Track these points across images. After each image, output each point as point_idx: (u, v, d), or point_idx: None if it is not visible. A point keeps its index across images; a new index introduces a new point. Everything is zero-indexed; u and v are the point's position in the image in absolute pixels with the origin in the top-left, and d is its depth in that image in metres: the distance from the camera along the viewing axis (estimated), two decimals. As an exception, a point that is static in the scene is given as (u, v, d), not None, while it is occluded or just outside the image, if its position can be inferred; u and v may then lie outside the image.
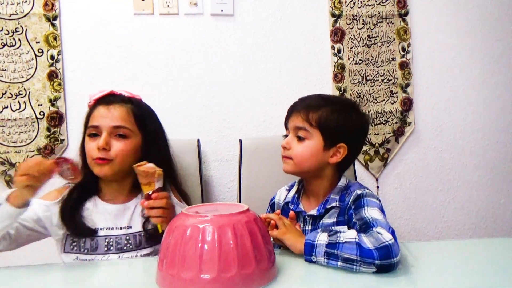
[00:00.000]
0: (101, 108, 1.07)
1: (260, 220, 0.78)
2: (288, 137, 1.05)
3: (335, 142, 1.02)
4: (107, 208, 1.09)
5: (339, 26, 1.64)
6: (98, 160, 1.03)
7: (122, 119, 1.06)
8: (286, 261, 0.84)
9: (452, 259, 0.88)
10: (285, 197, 1.15)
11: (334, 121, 1.01)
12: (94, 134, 1.05)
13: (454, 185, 1.74)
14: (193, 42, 1.59)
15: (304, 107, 1.03)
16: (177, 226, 0.73)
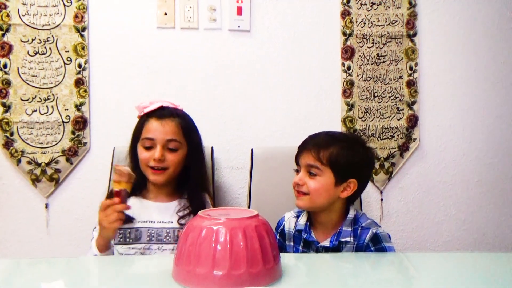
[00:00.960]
0: (154, 121, 1.21)
1: (268, 224, 0.86)
2: (301, 174, 1.11)
3: (346, 178, 1.09)
4: (152, 205, 1.24)
5: (349, 45, 1.73)
6: (154, 170, 1.20)
7: (173, 132, 1.22)
8: (290, 263, 0.92)
9: (453, 271, 0.92)
10: (295, 224, 1.19)
11: (343, 158, 1.08)
12: (149, 146, 1.20)
13: (456, 200, 1.79)
14: (211, 55, 1.69)
15: (314, 145, 1.10)
16: (194, 227, 0.82)
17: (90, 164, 1.65)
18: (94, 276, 0.93)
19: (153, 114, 1.23)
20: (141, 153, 1.22)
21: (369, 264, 0.97)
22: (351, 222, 1.10)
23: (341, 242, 1.08)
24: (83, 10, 1.61)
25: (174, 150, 1.22)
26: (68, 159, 1.62)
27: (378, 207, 1.76)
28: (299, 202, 1.11)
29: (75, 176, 1.64)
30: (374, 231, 1.07)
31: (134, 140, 1.26)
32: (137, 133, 1.25)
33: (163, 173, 1.21)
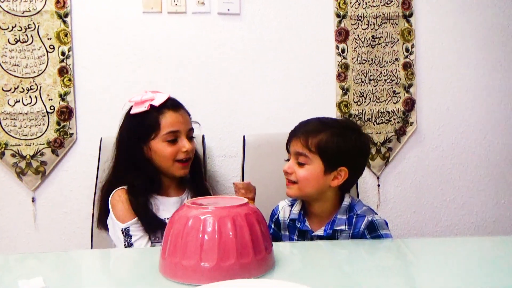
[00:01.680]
0: (172, 113, 1.18)
1: (259, 213, 0.82)
2: (289, 162, 1.07)
3: (336, 166, 1.04)
4: (169, 201, 1.21)
5: (343, 27, 1.67)
6: (183, 163, 1.19)
7: (190, 122, 1.24)
8: (284, 252, 0.88)
9: (451, 256, 0.89)
10: (289, 213, 1.15)
11: (333, 146, 1.02)
12: (173, 139, 1.17)
13: (455, 185, 1.76)
14: (200, 40, 1.63)
15: (303, 132, 1.05)
16: (180, 217, 0.77)
17: (77, 155, 1.59)
18: (82, 271, 0.89)
19: (165, 106, 1.18)
20: (165, 148, 1.17)
21: (365, 251, 0.93)
22: (346, 209, 1.06)
23: (336, 230, 1.04)
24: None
25: (192, 138, 1.24)
26: (54, 151, 1.56)
27: (375, 193, 1.72)
28: (288, 191, 1.07)
29: (62, 168, 1.59)
30: (370, 218, 1.03)
31: (142, 137, 1.18)
32: (148, 129, 1.17)
33: (188, 164, 1.21)
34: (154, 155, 1.18)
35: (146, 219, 1.14)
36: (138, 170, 1.18)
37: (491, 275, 0.78)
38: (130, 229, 1.12)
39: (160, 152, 1.17)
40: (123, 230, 1.12)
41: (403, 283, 0.77)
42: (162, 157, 1.18)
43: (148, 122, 1.17)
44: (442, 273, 0.78)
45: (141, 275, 0.80)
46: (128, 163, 1.20)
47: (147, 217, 1.14)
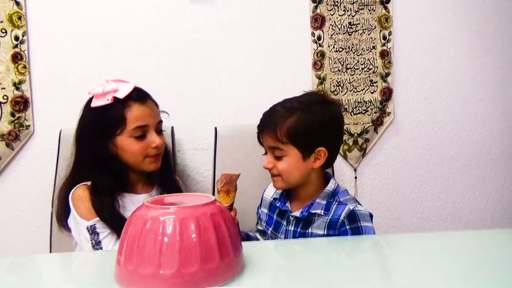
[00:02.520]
0: (139, 106, 1.08)
1: (227, 212, 0.74)
2: (267, 157, 1.03)
3: (313, 148, 0.99)
4: (137, 198, 1.11)
5: (319, 12, 1.60)
6: (153, 157, 1.10)
7: (158, 114, 1.14)
8: (254, 254, 0.81)
9: (428, 251, 0.85)
10: (273, 193, 1.14)
11: (302, 129, 0.97)
12: (141, 134, 1.08)
13: (431, 176, 1.73)
14: (168, 25, 1.52)
15: (270, 124, 1.00)
16: (137, 219, 0.69)
17: (34, 149, 1.47)
18: (36, 277, 0.79)
19: (130, 98, 1.07)
20: (132, 145, 1.07)
21: (342, 251, 0.87)
22: (327, 195, 1.02)
23: (312, 214, 1.01)
24: (17, -26, 1.40)
25: (161, 132, 1.14)
26: (8, 145, 1.43)
27: (352, 186, 1.67)
28: (275, 184, 1.05)
29: (18, 163, 1.46)
30: (351, 207, 0.98)
31: (106, 133, 1.07)
32: (113, 124, 1.06)
33: (159, 158, 1.13)
34: (121, 151, 1.08)
35: (111, 221, 1.04)
36: (101, 168, 1.08)
37: (464, 267, 0.75)
38: (96, 226, 1.03)
39: (127, 149, 1.07)
40: (89, 228, 1.03)
41: (379, 275, 0.73)
42: (130, 154, 1.08)
43: (112, 117, 1.06)
44: (417, 267, 0.75)
45: (93, 285, 0.71)
46: (90, 160, 1.09)
47: (112, 218, 1.04)
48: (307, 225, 1.02)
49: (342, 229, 0.98)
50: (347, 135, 1.64)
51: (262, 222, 1.14)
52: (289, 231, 1.04)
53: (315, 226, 1.00)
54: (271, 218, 1.11)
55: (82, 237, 1.04)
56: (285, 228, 1.05)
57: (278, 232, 1.07)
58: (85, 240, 1.03)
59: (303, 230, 1.02)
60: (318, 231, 1.00)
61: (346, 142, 1.64)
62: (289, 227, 1.04)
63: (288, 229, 1.04)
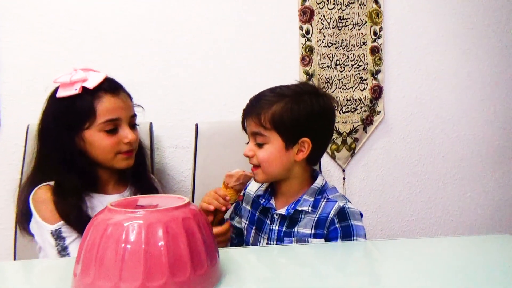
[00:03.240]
0: (110, 97, 0.98)
1: (202, 215, 0.66)
2: (249, 144, 0.95)
3: (297, 138, 0.92)
4: (107, 199, 1.01)
5: (308, 5, 1.53)
6: (126, 154, 1.00)
7: (132, 107, 1.04)
8: (232, 263, 0.72)
9: (416, 257, 0.80)
10: (257, 189, 1.05)
11: (288, 116, 0.90)
12: (112, 128, 0.98)
13: (421, 177, 1.68)
14: (148, 16, 1.43)
15: (255, 109, 0.92)
16: (97, 224, 0.60)
17: (0, 145, 1.36)
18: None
19: (101, 89, 0.97)
20: (102, 140, 0.97)
21: (332, 263, 0.80)
22: (315, 191, 0.95)
23: (299, 211, 0.94)
24: (-18, -45, 1.30)
25: (135, 126, 1.05)
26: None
27: (340, 187, 1.60)
28: (256, 177, 0.97)
29: (-18, 160, 1.36)
30: (341, 204, 0.92)
31: (73, 126, 0.97)
32: (81, 116, 0.96)
33: (132, 155, 1.03)
34: (90, 147, 0.98)
35: (78, 224, 0.93)
36: (67, 165, 0.97)
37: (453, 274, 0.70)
38: (62, 230, 0.93)
39: (97, 144, 0.97)
40: (54, 233, 0.93)
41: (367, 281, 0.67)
42: (100, 150, 0.98)
43: (80, 109, 0.95)
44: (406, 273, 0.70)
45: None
46: (54, 156, 0.98)
47: (79, 221, 0.93)
48: (293, 223, 0.95)
49: (332, 228, 0.91)
50: (335, 134, 1.57)
51: (243, 219, 1.07)
52: (273, 230, 0.97)
53: (301, 225, 0.94)
54: (253, 215, 1.04)
55: (46, 243, 0.94)
56: (269, 227, 0.98)
57: (261, 232, 1.00)
58: (50, 246, 0.93)
59: (289, 229, 0.95)
60: (305, 230, 0.93)
61: (334, 142, 1.58)
62: (273, 226, 0.97)
63: (272, 228, 0.97)
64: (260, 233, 1.00)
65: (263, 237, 0.99)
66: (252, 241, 1.02)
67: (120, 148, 0.99)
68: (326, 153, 1.57)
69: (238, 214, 1.10)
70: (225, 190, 0.97)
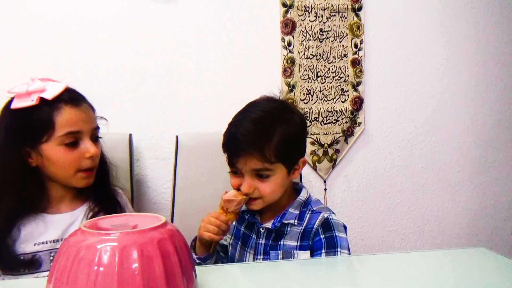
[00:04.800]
0: (70, 109, 0.91)
1: (179, 235, 0.65)
2: (247, 181, 0.91)
3: (296, 161, 0.95)
4: (53, 219, 0.94)
5: (290, 17, 1.54)
6: (87, 172, 0.94)
7: (94, 119, 0.98)
8: (211, 282, 0.71)
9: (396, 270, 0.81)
10: None
11: (289, 144, 0.91)
12: (72, 142, 0.92)
13: (401, 188, 1.70)
14: (128, 25, 1.41)
15: (253, 146, 0.88)
16: (69, 246, 0.58)
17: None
18: None
19: (61, 100, 0.91)
20: (61, 154, 0.90)
21: (318, 280, 0.79)
22: (300, 204, 0.97)
23: (285, 224, 0.94)
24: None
25: (97, 140, 0.99)
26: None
27: (321, 198, 1.61)
28: (253, 207, 0.95)
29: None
30: (326, 215, 0.94)
31: (28, 140, 0.91)
32: (38, 129, 0.89)
33: (93, 173, 0.97)
34: (48, 162, 0.91)
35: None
36: (10, 185, 0.90)
37: None
38: None
39: (55, 159, 0.90)
40: None
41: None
42: (59, 166, 0.91)
43: (37, 121, 0.89)
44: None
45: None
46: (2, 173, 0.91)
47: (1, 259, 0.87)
48: (279, 237, 0.95)
49: (316, 239, 0.92)
50: (317, 145, 1.58)
51: (228, 235, 1.06)
52: (259, 244, 0.97)
53: (288, 238, 0.94)
54: (238, 230, 1.04)
55: None
56: (255, 241, 0.98)
57: (247, 247, 1.00)
58: None
59: (275, 242, 0.95)
60: (291, 242, 0.93)
61: (316, 153, 1.58)
62: (260, 240, 0.97)
63: (258, 242, 0.97)
64: (246, 248, 1.00)
65: (249, 252, 0.99)
66: (238, 256, 1.02)
67: (81, 164, 0.93)
68: (308, 164, 1.58)
69: None
70: (225, 215, 0.92)
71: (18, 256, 0.88)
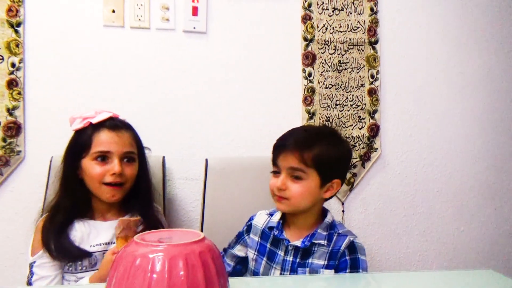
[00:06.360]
0: (107, 132, 1.10)
1: (216, 249, 0.76)
2: (282, 177, 1.01)
3: (330, 178, 1.02)
4: (103, 225, 1.12)
5: (310, 50, 1.66)
6: (111, 186, 1.08)
7: (130, 144, 1.13)
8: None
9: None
10: (265, 221, 1.12)
11: (328, 158, 1.00)
12: (103, 158, 1.09)
13: (417, 211, 1.76)
14: (163, 57, 1.56)
15: (296, 146, 1.00)
16: (126, 255, 0.70)
17: (24, 175, 1.47)
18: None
19: (103, 125, 1.11)
20: (92, 168, 1.08)
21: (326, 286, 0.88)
22: (327, 226, 1.04)
23: (314, 244, 1.01)
24: (18, 3, 1.44)
25: (130, 162, 1.13)
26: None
27: (339, 219, 1.69)
28: (280, 206, 1.03)
29: (6, 189, 1.46)
30: (352, 239, 1.02)
31: (76, 155, 1.10)
32: (82, 146, 1.09)
33: (120, 189, 1.11)
34: (84, 175, 1.10)
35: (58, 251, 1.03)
36: (66, 192, 1.11)
37: None
38: (34, 264, 1.04)
39: (88, 171, 1.09)
40: (30, 265, 1.05)
41: None
42: (89, 177, 1.09)
43: (82, 140, 1.10)
44: None
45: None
46: (61, 183, 1.13)
47: (59, 248, 1.04)
48: (307, 255, 1.02)
49: (342, 260, 1.00)
50: (335, 169, 1.67)
51: (251, 250, 1.13)
52: (287, 261, 1.03)
53: (316, 257, 1.01)
54: (263, 246, 1.10)
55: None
56: (282, 258, 1.04)
57: (273, 262, 1.06)
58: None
59: (303, 260, 1.02)
60: (319, 261, 1.01)
61: (334, 176, 1.67)
62: (288, 257, 1.04)
63: (286, 259, 1.04)
64: (271, 263, 1.06)
65: (275, 268, 1.05)
66: (263, 271, 1.08)
67: (105, 178, 1.08)
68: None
69: (241, 243, 1.17)
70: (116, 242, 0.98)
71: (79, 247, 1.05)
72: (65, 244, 1.04)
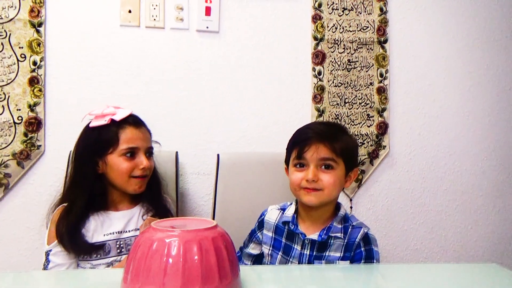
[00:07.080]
0: (132, 129, 1.17)
1: (227, 236, 0.80)
2: (313, 169, 1.02)
3: (352, 168, 1.08)
4: (115, 215, 1.18)
5: (320, 49, 1.70)
6: (139, 178, 1.16)
7: (149, 140, 1.22)
8: (251, 277, 0.86)
9: (418, 282, 0.90)
10: (277, 216, 1.14)
11: (352, 148, 1.09)
12: (131, 154, 1.15)
13: (424, 208, 1.79)
14: (177, 56, 1.62)
15: (325, 137, 1.03)
16: (144, 240, 0.75)
17: (44, 168, 1.53)
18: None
19: (126, 122, 1.16)
20: (121, 163, 1.14)
21: (340, 276, 0.92)
22: (341, 219, 1.07)
23: (330, 237, 1.04)
24: (40, 4, 1.51)
25: (151, 156, 1.22)
26: (19, 163, 1.50)
27: (347, 215, 1.72)
28: (312, 198, 1.02)
29: (27, 182, 1.53)
30: (366, 230, 1.05)
31: (99, 151, 1.15)
32: (107, 143, 1.14)
33: (145, 181, 1.19)
34: (110, 170, 1.15)
35: (71, 244, 1.09)
36: (83, 187, 1.14)
37: None
38: (50, 253, 1.10)
39: (116, 166, 1.14)
40: (46, 253, 1.11)
41: None
42: (117, 172, 1.15)
43: (107, 136, 1.15)
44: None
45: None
46: (77, 178, 1.17)
47: (72, 242, 1.09)
48: (323, 248, 1.05)
49: (358, 251, 1.03)
50: (343, 166, 1.70)
51: (266, 246, 1.15)
52: (304, 254, 1.06)
53: (332, 249, 1.04)
54: (278, 241, 1.12)
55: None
56: (299, 252, 1.06)
57: (290, 256, 1.08)
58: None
59: (319, 253, 1.05)
60: (336, 253, 1.04)
61: (342, 173, 1.71)
62: (304, 250, 1.06)
63: (303, 253, 1.06)
64: (288, 257, 1.09)
65: (291, 261, 1.08)
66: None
67: (134, 172, 1.15)
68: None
69: (254, 241, 1.19)
70: None
71: (91, 243, 1.11)
72: (78, 242, 1.10)
